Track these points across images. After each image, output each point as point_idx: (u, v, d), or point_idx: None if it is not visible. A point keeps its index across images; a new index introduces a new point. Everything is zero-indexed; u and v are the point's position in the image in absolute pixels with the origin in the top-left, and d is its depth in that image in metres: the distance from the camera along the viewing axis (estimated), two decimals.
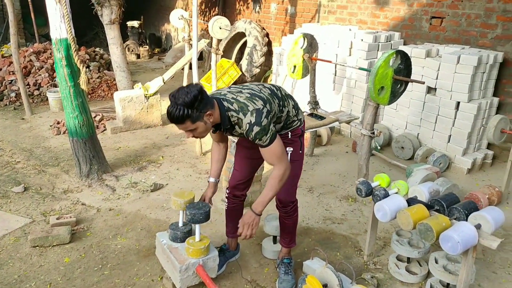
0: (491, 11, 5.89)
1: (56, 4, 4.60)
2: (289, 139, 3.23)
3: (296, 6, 9.38)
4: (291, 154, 3.22)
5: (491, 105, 5.77)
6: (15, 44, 7.27)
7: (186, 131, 2.88)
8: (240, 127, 2.90)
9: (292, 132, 3.24)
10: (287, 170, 2.97)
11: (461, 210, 2.96)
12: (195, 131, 2.86)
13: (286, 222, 3.55)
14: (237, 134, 3.03)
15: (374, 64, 4.26)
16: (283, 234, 3.65)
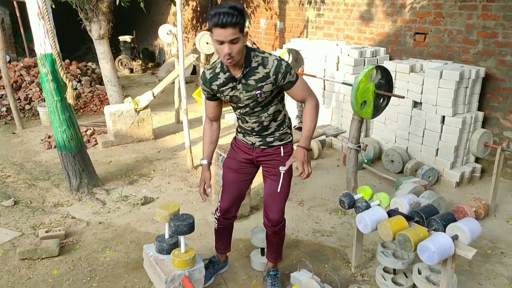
0: (471, 27, 6.01)
1: (40, 20, 4.67)
2: (281, 157, 3.26)
3: (285, 21, 9.52)
4: (284, 174, 3.21)
5: (476, 119, 5.85)
6: (3, 59, 7.32)
7: (229, 42, 2.72)
8: (265, 66, 2.92)
9: (284, 148, 3.28)
10: (318, 102, 3.14)
11: (439, 221, 3.04)
12: (237, 43, 2.75)
13: (273, 240, 3.57)
14: (253, 83, 2.97)
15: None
16: (270, 250, 3.66)
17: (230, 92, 3.05)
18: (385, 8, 7.17)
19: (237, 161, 3.40)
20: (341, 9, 8.02)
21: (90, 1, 7.77)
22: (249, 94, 3.00)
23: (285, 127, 3.29)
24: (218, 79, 3.06)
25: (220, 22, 2.65)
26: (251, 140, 3.29)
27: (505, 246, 4.38)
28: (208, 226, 4.62)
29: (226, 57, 2.76)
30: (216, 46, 2.78)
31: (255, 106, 3.08)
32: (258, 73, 2.94)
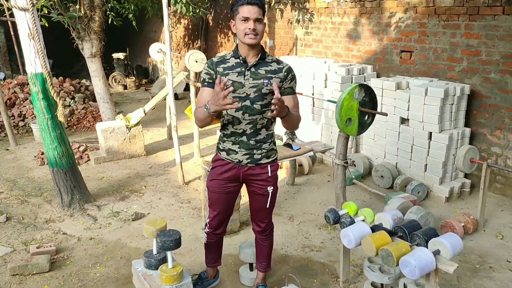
0: (455, 46, 6.15)
1: (30, 41, 4.77)
2: (268, 177, 3.33)
3: (275, 39, 9.67)
4: (272, 192, 3.35)
5: (463, 135, 5.94)
6: None
7: (254, 21, 2.93)
8: (279, 63, 3.14)
9: (271, 167, 3.34)
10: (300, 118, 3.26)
11: (421, 236, 3.10)
12: (260, 24, 2.96)
13: (264, 245, 3.67)
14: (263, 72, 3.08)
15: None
16: (260, 258, 3.74)
17: (236, 77, 3.07)
18: (371, 27, 7.32)
19: (221, 181, 3.36)
20: (328, 28, 8.17)
21: (81, 21, 7.89)
22: (256, 82, 3.06)
23: (272, 141, 3.34)
24: (227, 62, 3.13)
25: (248, 0, 2.87)
26: (237, 157, 3.25)
27: (494, 261, 4.44)
28: (198, 242, 4.67)
29: (250, 32, 2.93)
30: (241, 26, 2.95)
31: (256, 99, 3.08)
32: (271, 66, 3.11)
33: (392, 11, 6.92)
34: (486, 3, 5.72)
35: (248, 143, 3.21)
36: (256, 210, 3.50)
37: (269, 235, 3.66)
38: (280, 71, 3.10)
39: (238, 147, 3.22)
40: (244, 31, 2.94)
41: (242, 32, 2.96)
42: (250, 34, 2.93)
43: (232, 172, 3.32)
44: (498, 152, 5.92)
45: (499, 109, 5.83)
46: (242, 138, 3.20)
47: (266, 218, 3.54)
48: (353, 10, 7.58)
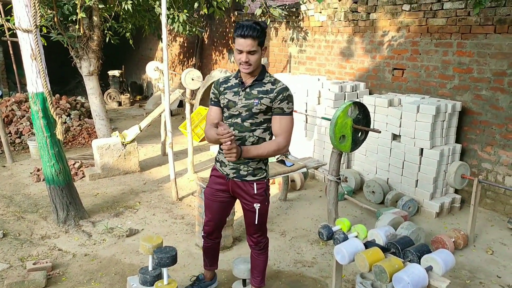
0: (447, 63, 6.27)
1: (32, 61, 4.85)
2: (254, 194, 3.40)
3: (269, 56, 9.78)
4: (260, 209, 3.43)
5: (454, 151, 6.02)
6: None
7: (247, 53, 3.08)
8: (274, 84, 3.22)
9: (257, 185, 3.40)
10: (286, 148, 3.30)
11: (414, 253, 3.14)
12: (254, 55, 3.09)
13: (259, 259, 3.74)
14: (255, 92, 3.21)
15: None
16: (255, 273, 3.80)
17: (231, 96, 3.27)
18: (364, 45, 7.44)
19: (214, 190, 3.56)
20: (322, 46, 8.29)
21: (80, 40, 7.97)
22: (247, 102, 3.20)
23: (261, 161, 3.40)
24: (228, 82, 3.34)
25: (242, 33, 3.01)
26: (225, 170, 3.41)
27: (484, 276, 4.48)
28: (192, 258, 4.69)
29: (243, 64, 3.11)
30: (236, 55, 3.13)
31: (247, 117, 3.22)
32: (264, 87, 3.22)
33: (385, 30, 7.05)
34: (478, 22, 5.85)
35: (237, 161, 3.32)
36: (247, 225, 3.61)
37: (263, 250, 3.72)
38: (271, 92, 3.19)
39: (228, 161, 3.32)
40: (239, 61, 3.13)
41: (238, 61, 3.16)
42: (243, 65, 3.12)
43: (222, 184, 3.50)
44: (489, 168, 6.00)
45: (490, 126, 5.92)
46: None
47: (257, 233, 3.61)
48: (347, 28, 7.71)
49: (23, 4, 4.68)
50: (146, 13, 9.60)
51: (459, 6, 6.01)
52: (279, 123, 3.23)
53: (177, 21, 8.66)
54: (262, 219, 3.52)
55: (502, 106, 5.78)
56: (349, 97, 6.97)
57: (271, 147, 3.24)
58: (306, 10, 8.44)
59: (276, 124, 3.24)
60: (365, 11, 7.32)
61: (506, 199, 5.91)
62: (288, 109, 3.22)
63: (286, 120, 3.24)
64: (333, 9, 7.89)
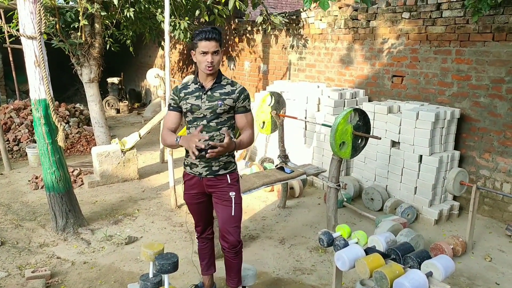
0: (446, 71, 6.29)
1: (36, 68, 4.87)
2: (229, 184, 3.57)
3: (269, 64, 9.82)
4: (235, 198, 3.58)
5: (453, 158, 6.03)
6: None
7: (212, 53, 3.30)
8: (233, 85, 3.49)
9: (230, 176, 3.58)
10: (253, 138, 3.62)
11: (414, 259, 3.14)
12: (217, 55, 3.34)
13: (234, 262, 3.78)
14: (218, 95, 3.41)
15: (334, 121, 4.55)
16: (232, 275, 3.84)
17: (194, 101, 3.44)
18: (364, 52, 7.46)
19: (191, 194, 3.70)
20: (322, 53, 8.32)
21: (82, 47, 7.99)
22: (211, 104, 3.40)
23: (230, 155, 3.59)
24: (188, 88, 3.51)
25: (206, 36, 3.26)
26: (197, 170, 3.54)
27: (482, 283, 4.48)
28: (191, 265, 4.68)
29: (208, 65, 3.31)
30: (200, 58, 3.32)
31: (212, 118, 3.42)
32: (225, 89, 3.46)
33: (384, 37, 7.08)
34: (476, 30, 5.88)
35: (207, 160, 3.48)
36: (223, 222, 3.62)
37: (238, 253, 3.77)
38: (233, 93, 3.45)
39: (198, 161, 3.50)
40: (204, 63, 3.32)
41: (202, 64, 3.34)
42: (208, 65, 3.32)
43: (196, 185, 3.62)
44: (487, 175, 6.01)
45: (488, 133, 5.93)
46: (202, 153, 3.37)
47: (233, 230, 3.63)
48: (347, 36, 7.74)
49: (28, 11, 4.72)
50: (147, 21, 9.63)
51: (458, 14, 6.04)
52: (245, 119, 3.53)
53: (178, 29, 8.70)
54: (239, 210, 3.61)
55: (500, 113, 5.80)
56: (349, 104, 6.98)
57: (248, 139, 3.51)
58: (307, 18, 8.48)
59: (243, 121, 3.53)
60: (365, 18, 7.36)
61: (504, 206, 5.92)
62: (248, 106, 3.55)
63: (250, 115, 3.58)
64: (333, 16, 7.93)
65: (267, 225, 5.77)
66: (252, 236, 5.45)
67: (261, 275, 4.56)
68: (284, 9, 14.12)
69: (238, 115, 3.52)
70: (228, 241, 3.64)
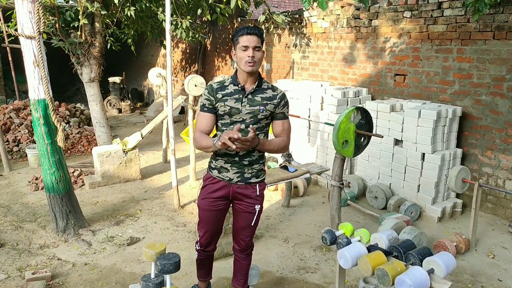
0: (448, 69, 6.29)
1: (35, 68, 4.84)
2: (257, 196, 3.44)
3: (272, 63, 9.80)
4: (259, 210, 3.49)
5: (455, 155, 6.03)
6: None
7: (254, 49, 3.14)
8: (274, 90, 3.35)
9: (260, 186, 3.46)
10: (288, 147, 3.45)
11: (416, 256, 3.14)
12: (259, 52, 3.17)
13: (244, 263, 3.76)
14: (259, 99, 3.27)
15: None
16: (239, 276, 3.82)
17: (234, 103, 3.25)
18: (367, 51, 7.45)
19: (212, 199, 3.46)
20: (325, 52, 8.30)
21: (82, 46, 7.97)
22: (252, 109, 3.24)
23: (263, 162, 3.48)
24: (226, 89, 3.29)
25: (248, 31, 3.12)
26: (228, 175, 3.37)
27: (485, 280, 4.48)
28: (194, 265, 4.59)
29: (249, 60, 3.14)
30: (240, 54, 3.15)
31: (251, 123, 3.25)
32: (267, 93, 3.31)
33: (387, 36, 7.07)
34: (477, 28, 5.87)
35: (241, 162, 3.35)
36: (240, 228, 3.58)
37: (249, 254, 3.75)
38: (274, 98, 3.30)
39: (230, 166, 3.35)
40: (244, 59, 3.14)
41: (242, 60, 3.15)
42: (249, 61, 3.13)
43: (222, 190, 3.43)
44: (489, 172, 5.99)
45: (490, 130, 5.92)
46: (235, 159, 3.33)
47: (248, 237, 3.61)
48: (349, 35, 7.73)
49: (27, 10, 4.68)
50: (148, 19, 9.61)
51: (459, 13, 6.03)
52: (282, 127, 3.38)
53: (180, 27, 8.68)
54: (258, 220, 3.56)
55: (501, 111, 5.79)
56: (352, 103, 6.97)
57: (280, 144, 3.36)
58: (309, 17, 8.47)
59: (279, 128, 3.38)
60: (367, 17, 7.34)
61: (506, 203, 5.91)
62: (287, 113, 3.42)
63: (288, 123, 3.42)
64: (335, 15, 7.92)
65: (271, 224, 5.75)
66: (256, 235, 5.42)
67: (265, 274, 4.55)
68: (287, 8, 14.12)
69: (275, 121, 3.37)
70: (241, 245, 3.64)
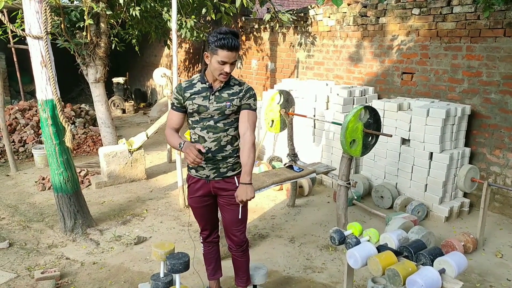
0: (456, 67, 6.24)
1: (42, 68, 4.85)
2: (236, 187, 3.45)
3: (276, 62, 9.77)
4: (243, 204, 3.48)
5: (463, 155, 5.99)
6: (1, 103, 7.41)
7: (230, 64, 3.14)
8: (241, 85, 3.37)
9: (238, 178, 3.48)
10: (254, 139, 3.38)
11: (427, 256, 3.11)
12: (234, 64, 3.19)
13: (241, 261, 3.76)
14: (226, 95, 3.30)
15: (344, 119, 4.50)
16: (240, 275, 3.83)
17: (201, 101, 3.30)
18: (373, 49, 7.41)
19: (197, 197, 3.56)
20: (330, 50, 8.27)
21: (87, 47, 7.96)
22: (219, 105, 3.29)
23: (237, 155, 3.50)
24: (194, 87, 3.34)
25: (229, 45, 3.06)
26: (205, 173, 3.44)
27: (494, 280, 4.46)
28: (201, 265, 4.62)
29: (224, 75, 3.18)
30: (216, 65, 3.14)
31: (220, 119, 3.32)
32: (233, 89, 3.34)
33: (394, 34, 7.03)
34: (487, 25, 5.83)
35: (214, 159, 3.39)
36: (229, 223, 3.60)
37: (245, 251, 3.75)
38: (239, 92, 3.34)
39: (205, 163, 3.40)
40: (220, 71, 3.17)
41: (217, 72, 3.18)
42: (223, 75, 3.19)
43: (203, 188, 3.51)
44: (497, 171, 5.96)
45: (499, 129, 5.88)
46: (208, 155, 3.36)
47: (239, 231, 3.61)
48: (356, 33, 7.70)
49: (34, 10, 4.69)
50: (153, 20, 9.60)
51: (468, 10, 5.99)
52: (247, 117, 3.35)
53: (184, 27, 8.67)
54: (245, 213, 3.56)
55: (511, 110, 5.75)
56: (358, 102, 6.94)
57: (251, 152, 3.31)
58: (315, 15, 8.44)
59: (244, 118, 3.35)
60: (374, 15, 7.30)
61: None
62: (254, 105, 3.39)
63: (253, 115, 3.39)
64: (342, 13, 7.88)
65: (276, 224, 5.73)
66: (261, 235, 5.41)
67: (272, 274, 4.53)
68: (291, 7, 14.09)
69: (241, 111, 3.37)
70: (234, 241, 3.65)
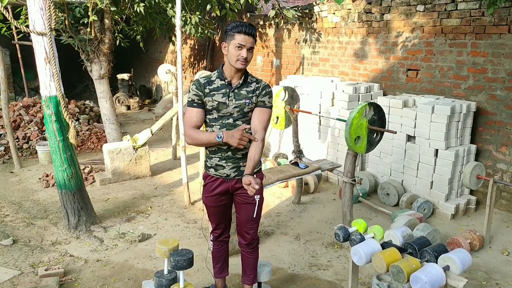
0: (462, 64, 6.21)
1: (46, 65, 4.84)
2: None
3: (281, 58, 9.75)
4: (259, 202, 3.44)
5: (469, 152, 5.96)
6: (5, 100, 7.42)
7: (248, 49, 3.17)
8: (258, 83, 3.36)
9: (257, 177, 3.40)
10: (263, 144, 3.32)
11: (431, 253, 3.10)
12: (251, 52, 3.22)
13: (251, 258, 3.76)
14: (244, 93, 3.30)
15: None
16: (248, 272, 3.81)
17: (221, 98, 3.28)
18: (378, 46, 7.38)
19: (213, 196, 3.52)
20: (335, 47, 8.24)
21: (91, 43, 7.95)
22: (238, 103, 3.27)
23: None
24: (213, 84, 3.31)
25: (246, 30, 3.13)
26: (225, 172, 3.40)
27: (500, 277, 4.43)
28: (206, 262, 4.64)
29: (242, 60, 3.17)
30: (233, 51, 3.16)
31: (239, 117, 3.30)
32: (251, 87, 3.33)
33: (399, 30, 7.00)
34: (492, 22, 5.79)
35: (234, 156, 3.37)
36: (243, 221, 3.60)
37: (255, 248, 3.75)
38: (257, 89, 3.33)
39: (225, 162, 3.38)
40: (237, 57, 3.17)
41: (235, 57, 3.18)
42: (241, 61, 3.18)
43: (222, 187, 3.47)
44: (504, 169, 5.92)
45: (504, 126, 5.84)
46: (228, 154, 3.35)
47: (252, 229, 3.61)
48: (361, 30, 7.67)
49: (38, 7, 4.68)
50: (157, 16, 9.58)
51: (473, 6, 5.95)
52: (258, 114, 3.32)
53: (189, 23, 8.65)
54: (260, 211, 3.55)
55: None
56: (363, 99, 6.92)
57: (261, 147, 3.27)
58: (320, 12, 8.41)
59: (255, 115, 3.33)
60: (379, 12, 7.27)
61: None
62: (269, 103, 3.37)
63: (267, 113, 3.35)
64: (346, 10, 7.86)
65: (282, 221, 5.72)
66: (267, 232, 5.40)
67: (277, 271, 4.53)
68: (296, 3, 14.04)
69: (255, 108, 3.33)
70: (246, 238, 3.64)
